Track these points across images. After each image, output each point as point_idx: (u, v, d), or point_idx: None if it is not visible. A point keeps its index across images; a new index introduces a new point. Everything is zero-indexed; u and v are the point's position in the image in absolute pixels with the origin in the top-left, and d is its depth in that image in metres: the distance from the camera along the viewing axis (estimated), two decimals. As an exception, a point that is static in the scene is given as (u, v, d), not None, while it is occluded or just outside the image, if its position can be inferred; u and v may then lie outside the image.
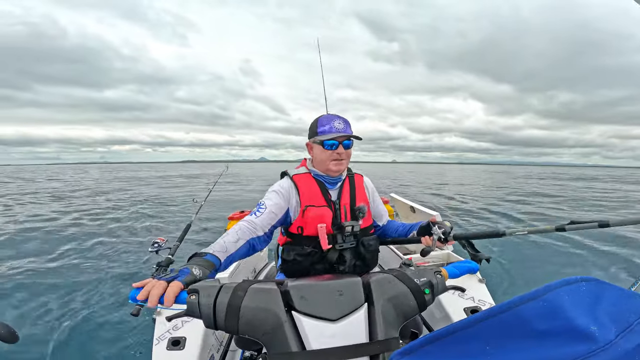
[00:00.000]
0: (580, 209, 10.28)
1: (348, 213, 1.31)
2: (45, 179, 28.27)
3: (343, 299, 0.64)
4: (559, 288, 0.43)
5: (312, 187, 1.31)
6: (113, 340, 2.87)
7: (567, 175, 38.54)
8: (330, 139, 1.24)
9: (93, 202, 11.78)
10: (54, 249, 5.78)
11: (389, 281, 0.69)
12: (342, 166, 1.30)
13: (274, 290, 0.65)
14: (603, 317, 0.39)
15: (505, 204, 10.56)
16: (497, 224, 7.11)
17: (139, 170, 53.52)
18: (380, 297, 0.65)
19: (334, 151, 1.26)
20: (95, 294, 3.89)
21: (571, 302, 0.41)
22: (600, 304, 0.42)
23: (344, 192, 1.35)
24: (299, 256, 1.26)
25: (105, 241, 6.51)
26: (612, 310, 0.41)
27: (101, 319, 3.26)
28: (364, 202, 1.36)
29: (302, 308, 0.62)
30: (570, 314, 0.39)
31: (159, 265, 1.54)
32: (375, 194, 1.50)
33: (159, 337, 1.23)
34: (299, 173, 1.35)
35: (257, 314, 0.62)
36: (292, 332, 0.60)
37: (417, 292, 0.67)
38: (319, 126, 1.28)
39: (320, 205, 1.28)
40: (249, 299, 0.63)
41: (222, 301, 0.63)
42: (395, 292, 0.67)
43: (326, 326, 0.60)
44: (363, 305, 0.64)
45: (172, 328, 1.26)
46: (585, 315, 0.39)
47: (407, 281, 0.69)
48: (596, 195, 14.53)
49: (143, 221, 8.15)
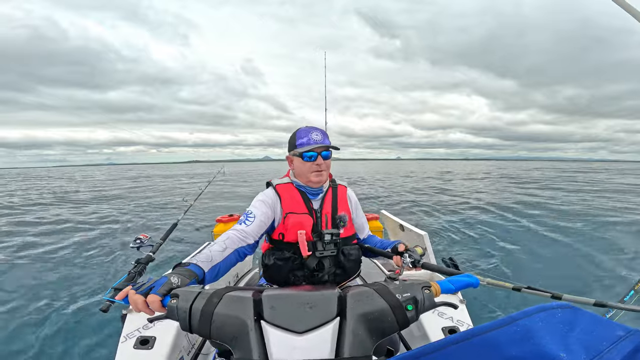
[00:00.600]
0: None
1: (329, 221, 1.34)
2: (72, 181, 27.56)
3: (313, 312, 0.62)
4: (534, 314, 0.44)
5: (294, 196, 1.34)
6: (78, 335, 2.77)
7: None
8: (309, 150, 1.27)
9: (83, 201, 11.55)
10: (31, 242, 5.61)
11: (367, 295, 0.66)
12: (322, 177, 1.32)
13: (246, 298, 0.65)
14: (574, 344, 0.40)
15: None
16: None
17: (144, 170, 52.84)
18: (354, 312, 0.63)
19: (313, 162, 1.28)
20: (67, 287, 3.77)
21: (544, 328, 0.41)
22: (572, 331, 0.43)
23: (326, 201, 1.38)
24: (279, 260, 1.28)
25: (86, 235, 6.35)
26: (584, 337, 0.42)
27: (67, 313, 3.15)
28: (345, 212, 1.38)
29: (269, 318, 0.62)
30: (542, 341, 0.39)
31: (138, 262, 1.50)
32: (358, 205, 1.53)
33: (127, 335, 1.19)
34: (282, 183, 1.37)
35: (227, 320, 0.63)
36: (257, 341, 0.60)
37: (397, 309, 0.63)
38: (297, 139, 1.31)
39: (301, 213, 1.30)
40: (222, 306, 0.64)
41: (197, 307, 0.64)
42: (372, 307, 0.64)
43: (290, 338, 0.59)
44: (333, 320, 0.62)
45: (142, 327, 1.22)
46: (556, 342, 0.39)
47: (387, 296, 0.65)
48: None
49: (130, 218, 8.01)
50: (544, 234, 6.26)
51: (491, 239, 5.92)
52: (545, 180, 21.46)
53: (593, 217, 7.83)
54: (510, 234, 6.33)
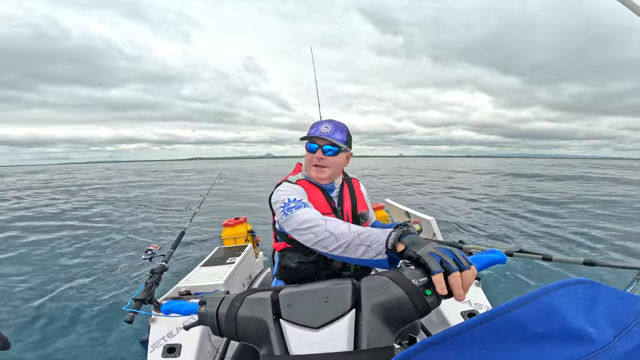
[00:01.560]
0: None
1: (350, 219, 1.29)
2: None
3: (327, 306, 0.62)
4: (554, 291, 0.43)
5: (317, 193, 1.25)
6: (107, 346, 2.82)
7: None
8: (310, 140, 1.19)
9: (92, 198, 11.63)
10: (52, 250, 5.66)
11: (381, 284, 0.63)
12: (322, 174, 1.21)
13: (265, 299, 0.68)
14: (600, 319, 0.39)
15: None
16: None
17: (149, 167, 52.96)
18: (369, 302, 0.61)
19: (313, 155, 1.19)
20: (89, 298, 3.82)
21: (567, 304, 0.41)
22: (596, 306, 0.42)
23: (345, 198, 1.31)
24: (303, 264, 1.21)
25: (99, 243, 6.40)
26: (608, 312, 0.41)
27: (95, 325, 3.21)
28: (365, 209, 1.35)
29: (287, 316, 0.64)
30: (567, 317, 0.39)
31: (152, 272, 1.52)
32: (367, 198, 1.49)
33: (154, 344, 1.22)
34: (299, 179, 1.27)
35: (249, 322, 0.66)
36: (278, 340, 0.62)
37: (414, 295, 0.60)
38: (310, 128, 1.25)
39: (327, 213, 1.21)
40: (244, 309, 0.67)
41: (222, 311, 0.68)
42: (388, 296, 0.61)
43: (307, 334, 0.60)
44: (349, 312, 0.61)
45: (167, 335, 1.25)
46: (582, 317, 0.39)
47: (402, 283, 0.62)
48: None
49: (138, 225, 8.06)
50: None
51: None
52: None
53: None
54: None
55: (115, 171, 29.48)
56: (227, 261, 2.22)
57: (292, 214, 1.01)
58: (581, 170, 23.48)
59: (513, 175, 21.48)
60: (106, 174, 25.43)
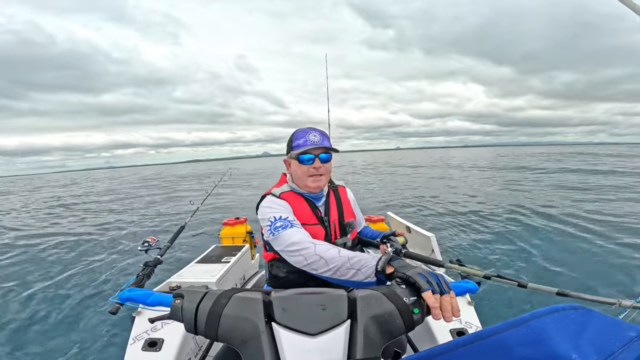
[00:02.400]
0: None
1: (337, 229, 1.29)
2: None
3: (325, 314, 0.62)
4: (545, 315, 0.43)
5: (302, 205, 1.25)
6: (88, 336, 2.82)
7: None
8: (305, 152, 1.17)
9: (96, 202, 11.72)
10: (38, 243, 5.71)
11: (376, 298, 0.66)
12: (320, 182, 1.22)
13: (256, 300, 0.65)
14: (586, 346, 0.39)
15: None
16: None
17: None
18: (364, 314, 0.63)
19: (310, 166, 1.18)
20: (76, 289, 3.83)
21: (556, 329, 0.41)
22: (585, 332, 0.42)
23: (332, 207, 1.31)
24: (292, 274, 1.21)
25: (95, 238, 6.44)
26: (596, 338, 0.41)
27: (78, 314, 3.21)
28: (352, 217, 1.35)
29: (281, 320, 0.62)
30: (553, 342, 0.39)
31: (146, 265, 1.52)
32: (356, 203, 1.49)
33: (136, 337, 1.21)
34: (284, 191, 1.26)
35: (236, 322, 0.62)
36: (269, 344, 0.59)
37: (404, 312, 0.65)
38: (294, 140, 1.21)
39: (313, 224, 1.23)
40: (231, 307, 0.63)
41: (204, 308, 0.63)
42: (381, 310, 0.64)
43: (303, 340, 0.59)
44: (345, 322, 0.62)
45: (151, 329, 1.23)
46: (567, 343, 0.39)
47: (395, 299, 0.66)
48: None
49: (139, 220, 8.09)
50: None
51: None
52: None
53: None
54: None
55: (119, 180, 29.04)
56: (223, 260, 2.21)
57: (279, 234, 1.03)
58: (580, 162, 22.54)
59: (516, 169, 20.69)
60: (111, 184, 25.29)
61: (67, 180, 36.94)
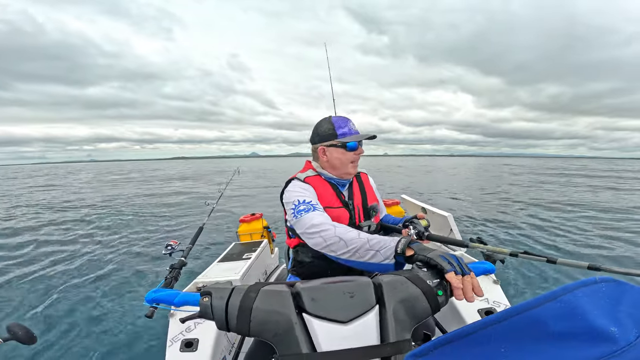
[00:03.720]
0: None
1: (361, 213, 1.32)
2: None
3: (354, 301, 0.63)
4: (576, 289, 0.42)
5: (327, 189, 1.29)
6: (128, 341, 2.93)
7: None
8: (353, 139, 1.24)
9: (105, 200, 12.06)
10: (66, 247, 5.93)
11: (401, 283, 0.67)
12: (357, 168, 1.32)
13: (285, 292, 0.65)
14: (623, 319, 0.38)
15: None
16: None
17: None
18: (391, 298, 0.64)
19: (355, 153, 1.26)
20: (111, 294, 3.99)
21: (590, 303, 0.40)
22: (620, 305, 0.41)
23: (355, 192, 1.35)
24: (317, 259, 1.24)
25: (119, 241, 6.65)
26: (632, 311, 0.40)
27: (117, 319, 3.34)
28: (375, 201, 1.38)
29: (312, 310, 0.62)
30: (589, 315, 0.38)
31: (172, 268, 1.57)
32: (377, 190, 1.52)
33: (173, 339, 1.25)
34: (309, 175, 1.30)
35: (268, 315, 0.62)
36: (303, 334, 0.60)
37: (429, 294, 0.66)
38: (338, 128, 1.25)
39: (337, 207, 1.26)
40: (261, 301, 0.63)
41: (234, 303, 0.63)
42: (407, 294, 0.66)
43: (337, 328, 0.60)
44: (374, 307, 0.64)
45: (185, 330, 1.27)
46: (604, 316, 0.38)
47: (419, 283, 0.67)
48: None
49: (156, 223, 8.31)
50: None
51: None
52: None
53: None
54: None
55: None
56: (244, 257, 2.26)
57: (301, 217, 1.06)
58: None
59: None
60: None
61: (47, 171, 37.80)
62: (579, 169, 35.38)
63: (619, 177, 22.82)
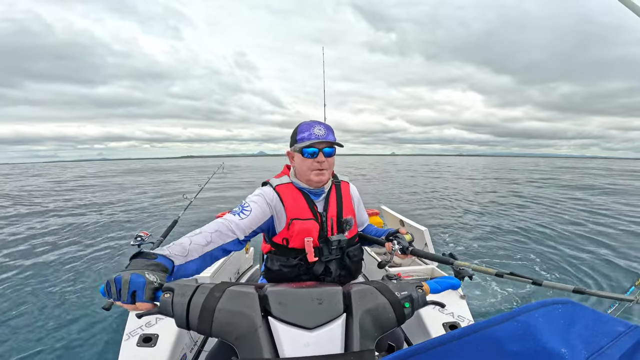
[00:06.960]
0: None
1: (334, 225, 1.26)
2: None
3: (322, 308, 0.63)
4: (534, 310, 0.44)
5: (297, 199, 1.24)
6: (83, 333, 2.80)
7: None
8: (309, 145, 1.17)
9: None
10: (31, 237, 5.62)
11: (370, 292, 0.68)
12: (323, 177, 1.22)
13: (252, 294, 0.64)
14: (575, 340, 0.40)
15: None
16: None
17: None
18: (359, 308, 0.64)
19: (314, 160, 1.18)
20: (72, 284, 3.79)
21: (545, 324, 0.41)
22: (573, 327, 0.43)
23: (331, 203, 1.29)
24: (285, 267, 1.22)
25: (88, 232, 6.36)
26: (584, 333, 0.42)
27: (74, 311, 3.17)
28: (350, 215, 1.32)
29: (278, 314, 0.61)
30: (542, 336, 0.39)
31: (136, 259, 1.51)
32: (360, 201, 1.47)
33: (130, 333, 1.20)
34: (281, 183, 1.26)
35: (231, 317, 0.60)
36: (266, 338, 0.59)
37: (396, 306, 0.67)
38: (299, 133, 1.21)
39: (307, 219, 1.21)
40: (225, 301, 0.62)
41: (196, 302, 0.61)
42: (374, 304, 0.66)
43: (302, 334, 0.59)
44: (341, 315, 0.63)
45: (145, 324, 1.23)
46: (556, 337, 0.39)
47: (387, 294, 0.68)
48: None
49: (131, 215, 8.01)
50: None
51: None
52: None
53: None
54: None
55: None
56: None
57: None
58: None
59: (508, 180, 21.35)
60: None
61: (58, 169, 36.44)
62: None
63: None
